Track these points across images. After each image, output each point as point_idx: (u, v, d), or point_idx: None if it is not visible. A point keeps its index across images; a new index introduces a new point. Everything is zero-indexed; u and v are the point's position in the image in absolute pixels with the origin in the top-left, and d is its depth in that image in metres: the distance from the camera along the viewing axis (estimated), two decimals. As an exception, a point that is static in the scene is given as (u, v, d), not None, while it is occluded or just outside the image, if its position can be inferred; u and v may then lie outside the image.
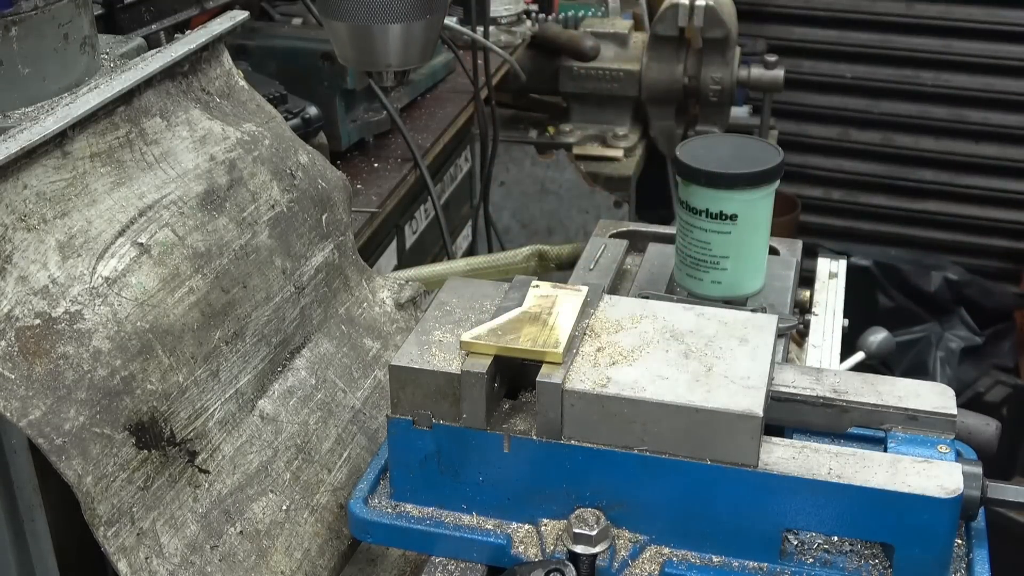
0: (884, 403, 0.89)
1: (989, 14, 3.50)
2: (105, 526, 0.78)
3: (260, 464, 0.94)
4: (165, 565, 0.82)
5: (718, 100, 2.53)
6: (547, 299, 0.91)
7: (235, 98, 1.07)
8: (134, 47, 1.08)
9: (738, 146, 1.11)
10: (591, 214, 2.54)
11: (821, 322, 1.34)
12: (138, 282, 0.85)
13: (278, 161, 1.04)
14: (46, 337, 0.78)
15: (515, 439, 0.85)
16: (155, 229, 0.89)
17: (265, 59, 1.70)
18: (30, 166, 0.82)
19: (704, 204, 1.06)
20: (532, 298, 0.91)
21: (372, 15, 1.11)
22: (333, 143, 1.69)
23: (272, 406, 0.98)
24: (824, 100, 3.74)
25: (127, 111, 0.92)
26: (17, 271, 0.79)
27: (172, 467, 0.85)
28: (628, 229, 1.31)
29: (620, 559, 0.84)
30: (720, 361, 0.85)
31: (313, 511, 0.96)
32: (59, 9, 0.91)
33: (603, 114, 2.68)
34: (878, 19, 3.62)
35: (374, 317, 1.15)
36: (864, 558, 0.83)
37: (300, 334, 1.04)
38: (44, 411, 0.75)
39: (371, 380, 1.09)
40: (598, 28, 2.64)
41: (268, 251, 1.00)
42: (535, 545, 0.86)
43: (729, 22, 2.46)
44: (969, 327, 3.39)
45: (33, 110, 0.90)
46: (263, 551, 0.90)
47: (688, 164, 1.06)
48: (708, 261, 1.08)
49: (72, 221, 0.84)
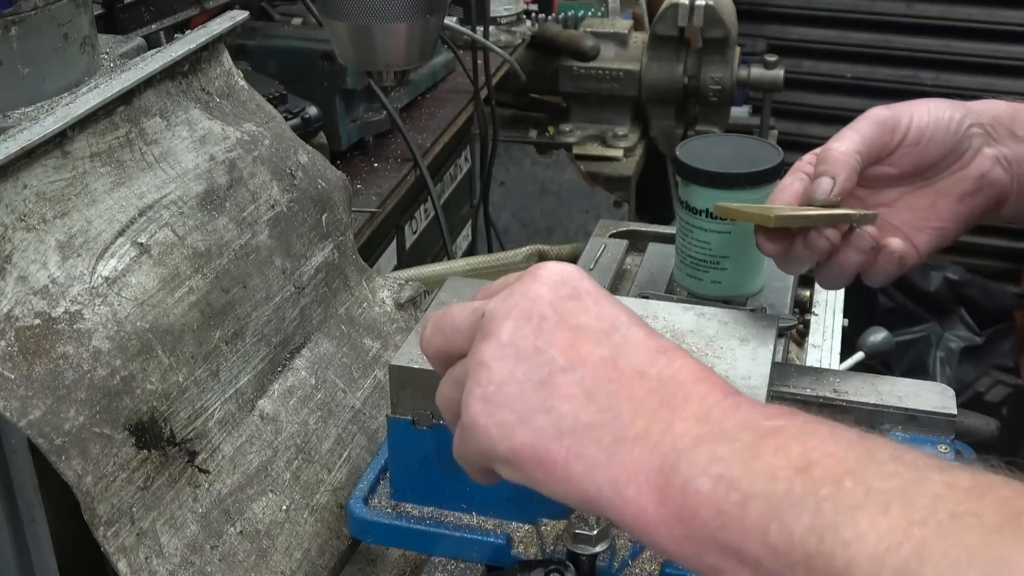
0: (884, 403, 0.89)
1: (989, 14, 3.49)
2: (105, 526, 0.78)
3: (260, 464, 0.94)
4: (165, 565, 0.82)
5: (718, 100, 2.53)
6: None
7: (235, 98, 1.07)
8: (134, 47, 1.07)
9: (738, 146, 1.11)
10: (591, 214, 2.53)
11: (821, 322, 1.34)
12: (138, 282, 0.85)
13: (278, 161, 1.04)
14: (46, 337, 0.78)
15: (515, 439, 0.85)
16: (155, 229, 0.89)
17: (265, 59, 1.70)
18: (30, 166, 0.82)
19: (704, 204, 1.05)
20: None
21: (372, 15, 1.11)
22: (333, 143, 1.69)
23: (272, 406, 0.98)
24: (824, 100, 3.74)
25: (127, 111, 0.92)
26: (17, 271, 0.79)
27: (172, 467, 0.85)
28: (628, 229, 1.31)
29: (620, 559, 0.84)
30: (721, 361, 0.85)
31: (313, 511, 0.96)
32: (59, 9, 0.91)
33: (603, 114, 2.68)
34: (878, 19, 3.62)
35: (374, 317, 1.15)
36: (864, 558, 0.83)
37: (300, 334, 1.04)
38: (44, 411, 0.75)
39: (371, 380, 1.09)
40: (598, 28, 2.64)
41: (268, 251, 1.00)
42: (535, 545, 0.86)
43: (729, 22, 2.46)
44: (969, 327, 3.38)
45: (33, 110, 0.90)
46: (263, 551, 0.90)
47: (688, 164, 1.06)
48: (708, 261, 1.08)
49: (72, 221, 0.84)
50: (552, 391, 0.59)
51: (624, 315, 0.63)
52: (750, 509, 0.51)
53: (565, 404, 0.59)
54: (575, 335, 0.61)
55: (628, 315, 0.63)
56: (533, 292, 0.63)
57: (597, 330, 0.62)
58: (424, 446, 0.87)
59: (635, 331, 0.62)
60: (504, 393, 0.60)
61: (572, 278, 0.64)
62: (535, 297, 0.63)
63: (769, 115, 2.67)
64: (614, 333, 0.62)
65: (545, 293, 0.63)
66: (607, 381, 0.59)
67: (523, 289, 0.63)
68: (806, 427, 0.55)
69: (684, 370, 0.60)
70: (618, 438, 0.57)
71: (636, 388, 0.59)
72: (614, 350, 0.61)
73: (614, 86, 2.61)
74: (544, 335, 0.61)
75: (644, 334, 0.62)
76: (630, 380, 0.59)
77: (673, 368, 0.60)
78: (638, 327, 0.63)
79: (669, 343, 0.62)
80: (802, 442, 0.53)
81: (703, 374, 0.60)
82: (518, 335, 0.61)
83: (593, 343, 0.61)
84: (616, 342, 0.61)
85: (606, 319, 0.62)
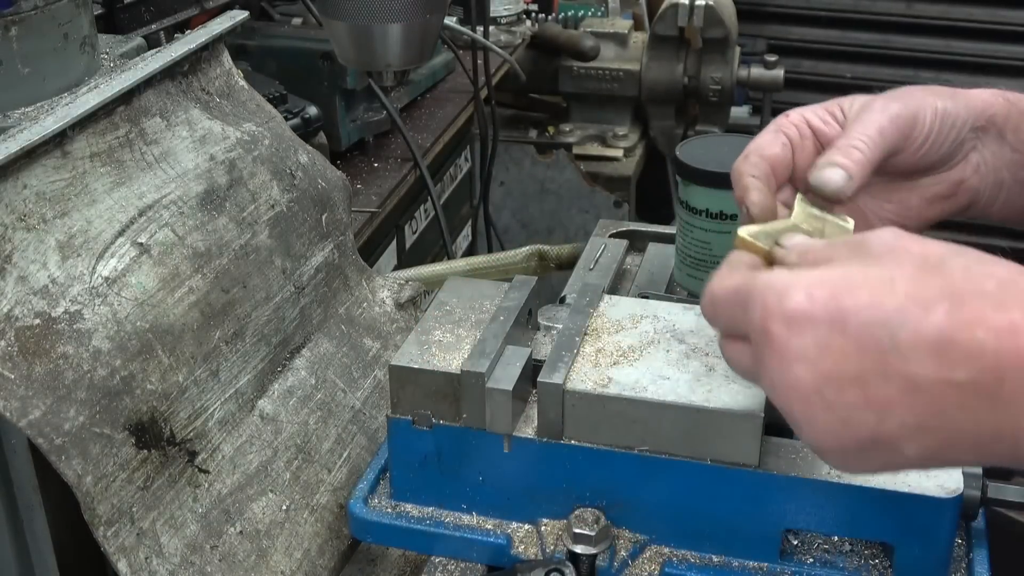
0: (884, 403, 0.89)
1: (989, 14, 3.49)
2: (105, 526, 0.78)
3: (260, 464, 0.94)
4: (165, 565, 0.82)
5: (718, 100, 2.53)
6: (820, 221, 0.79)
7: (235, 98, 1.07)
8: (134, 47, 1.08)
9: (738, 146, 1.10)
10: (591, 214, 2.53)
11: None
12: (138, 282, 0.85)
13: (278, 161, 1.04)
14: (46, 337, 0.78)
15: (515, 439, 0.85)
16: (155, 229, 0.89)
17: (265, 59, 1.70)
18: (30, 166, 0.82)
19: (704, 204, 1.05)
20: (802, 215, 0.79)
21: (372, 15, 1.11)
22: (333, 143, 1.69)
23: (272, 406, 0.98)
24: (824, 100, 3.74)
25: (127, 111, 0.92)
26: (17, 271, 0.78)
27: (172, 467, 0.85)
28: (628, 229, 1.31)
29: (620, 559, 0.84)
30: (721, 361, 0.85)
31: (313, 511, 0.96)
32: (59, 9, 0.91)
33: (603, 114, 2.68)
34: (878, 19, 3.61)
35: (374, 317, 1.15)
36: (864, 558, 0.83)
37: (300, 334, 1.04)
38: (44, 411, 0.75)
39: (371, 380, 1.09)
40: (598, 28, 2.63)
41: (268, 251, 1.00)
42: (535, 545, 0.86)
43: (729, 22, 2.46)
44: (969, 327, 3.38)
45: (33, 110, 0.90)
46: (263, 551, 0.90)
47: (688, 164, 1.06)
48: (708, 261, 1.08)
49: (72, 221, 0.84)
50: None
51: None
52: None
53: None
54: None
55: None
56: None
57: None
58: (424, 446, 0.87)
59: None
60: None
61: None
62: None
63: (769, 115, 2.67)
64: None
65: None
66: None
67: None
68: None
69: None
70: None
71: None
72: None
73: (614, 86, 2.61)
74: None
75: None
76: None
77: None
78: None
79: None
80: None
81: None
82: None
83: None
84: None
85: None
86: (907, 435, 0.60)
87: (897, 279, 0.61)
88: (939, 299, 0.59)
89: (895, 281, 0.61)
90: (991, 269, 0.62)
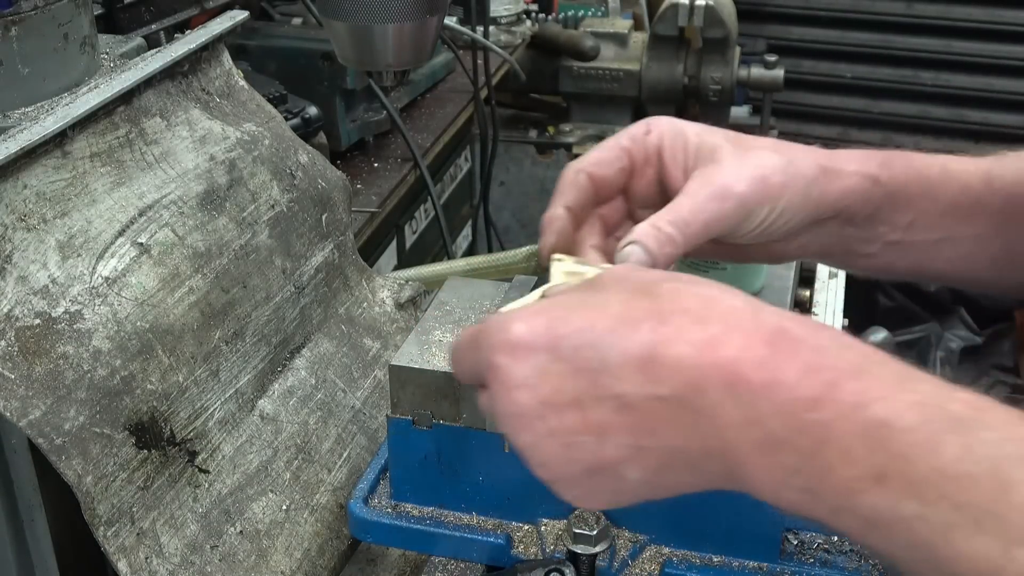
0: (884, 403, 0.89)
1: (989, 14, 3.50)
2: (105, 526, 0.78)
3: (260, 464, 0.94)
4: (165, 565, 0.82)
5: (718, 100, 2.53)
6: (576, 276, 0.76)
7: (235, 98, 1.07)
8: (134, 47, 1.07)
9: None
10: (591, 214, 2.53)
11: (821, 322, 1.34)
12: (138, 282, 0.85)
13: (278, 161, 1.04)
14: (46, 337, 0.78)
15: (515, 439, 0.85)
16: (155, 229, 0.89)
17: (265, 59, 1.70)
18: (30, 166, 0.82)
19: (704, 204, 1.05)
20: (560, 275, 0.77)
21: (372, 15, 1.11)
22: (333, 143, 1.69)
23: (272, 406, 0.98)
24: (824, 100, 3.74)
25: (127, 111, 0.92)
26: (17, 271, 0.79)
27: (172, 467, 0.85)
28: (628, 229, 1.31)
29: (620, 559, 0.84)
30: (720, 361, 0.85)
31: (313, 511, 0.96)
32: (59, 9, 0.91)
33: (603, 114, 2.67)
34: (878, 19, 3.62)
35: (374, 317, 1.15)
36: (864, 558, 0.83)
37: (300, 334, 1.04)
38: (44, 411, 0.75)
39: (371, 380, 1.09)
40: (598, 28, 2.63)
41: (268, 251, 1.00)
42: (535, 545, 0.86)
43: (729, 22, 2.46)
44: (969, 327, 3.39)
45: (33, 110, 0.90)
46: (263, 551, 0.90)
47: (688, 164, 1.06)
48: (708, 261, 1.08)
49: (72, 221, 0.84)
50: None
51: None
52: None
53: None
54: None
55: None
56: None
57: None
58: (424, 446, 0.87)
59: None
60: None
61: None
62: None
63: (769, 115, 2.67)
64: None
65: None
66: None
67: None
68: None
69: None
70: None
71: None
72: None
73: (614, 86, 2.61)
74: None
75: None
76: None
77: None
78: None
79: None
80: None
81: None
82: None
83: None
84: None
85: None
86: (626, 456, 0.61)
87: (611, 304, 0.62)
88: (645, 318, 0.60)
89: (608, 305, 0.61)
90: (698, 289, 0.63)
